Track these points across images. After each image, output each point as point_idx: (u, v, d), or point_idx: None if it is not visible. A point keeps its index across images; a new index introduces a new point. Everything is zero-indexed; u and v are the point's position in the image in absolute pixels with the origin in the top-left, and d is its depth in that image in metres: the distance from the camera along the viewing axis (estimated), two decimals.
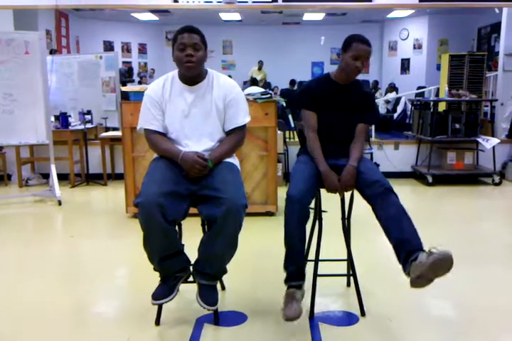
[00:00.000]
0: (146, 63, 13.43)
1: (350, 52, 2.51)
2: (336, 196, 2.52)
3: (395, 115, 10.83)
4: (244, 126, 2.57)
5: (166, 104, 2.48)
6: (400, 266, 2.28)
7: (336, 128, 2.64)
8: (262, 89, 4.47)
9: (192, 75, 2.45)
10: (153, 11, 10.84)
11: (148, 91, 2.53)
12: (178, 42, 2.38)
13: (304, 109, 2.66)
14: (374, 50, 2.56)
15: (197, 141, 2.48)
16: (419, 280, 2.14)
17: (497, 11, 6.74)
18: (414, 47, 12.68)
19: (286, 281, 2.45)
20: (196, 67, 2.40)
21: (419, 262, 2.12)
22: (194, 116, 2.48)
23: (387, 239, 2.33)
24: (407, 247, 2.24)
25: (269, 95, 4.35)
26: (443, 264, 2.09)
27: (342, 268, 2.84)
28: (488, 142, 5.89)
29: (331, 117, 2.63)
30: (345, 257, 2.67)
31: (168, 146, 2.47)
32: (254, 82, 9.75)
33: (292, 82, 11.18)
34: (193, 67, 2.39)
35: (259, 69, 12.22)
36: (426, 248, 2.17)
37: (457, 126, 6.01)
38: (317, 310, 2.54)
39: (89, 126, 6.11)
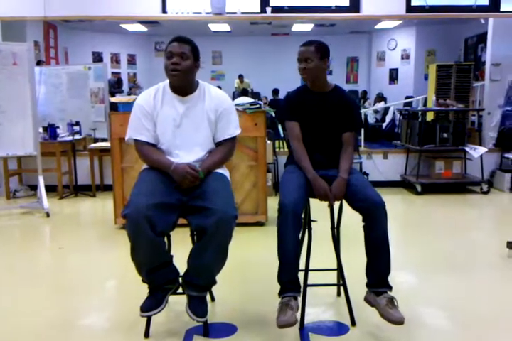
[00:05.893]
0: (135, 74, 13.41)
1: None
2: (325, 206, 2.52)
3: (384, 125, 10.88)
4: (235, 137, 2.58)
5: (158, 114, 2.48)
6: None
7: (320, 138, 2.64)
8: (251, 100, 4.49)
9: (178, 84, 2.45)
10: (142, 22, 10.82)
11: (139, 100, 2.52)
12: (167, 51, 2.40)
13: (286, 120, 2.68)
14: (362, 60, 2.60)
15: (188, 151, 2.48)
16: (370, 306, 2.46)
17: (483, 21, 6.82)
18: (402, 58, 12.78)
19: (280, 293, 2.40)
20: (181, 75, 2.40)
21: (377, 302, 2.39)
22: (186, 127, 2.48)
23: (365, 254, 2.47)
24: (375, 279, 2.45)
25: (258, 105, 4.36)
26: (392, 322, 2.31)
27: (332, 277, 2.83)
28: (476, 151, 5.93)
29: (314, 126, 2.64)
30: (335, 267, 2.66)
31: (160, 157, 2.46)
32: (244, 92, 9.78)
33: (275, 91, 11.25)
34: (177, 75, 2.39)
35: (241, 82, 12.47)
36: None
37: (445, 135, 6.06)
38: (307, 320, 2.53)
39: (77, 137, 6.09)
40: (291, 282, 2.39)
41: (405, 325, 2.34)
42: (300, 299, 2.42)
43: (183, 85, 2.47)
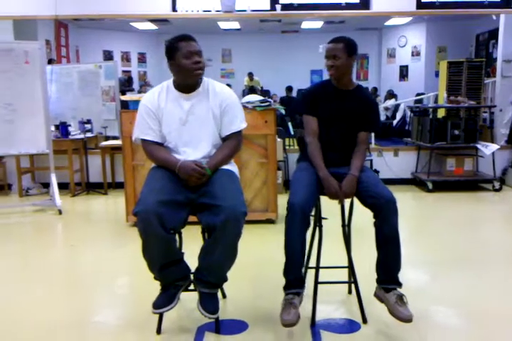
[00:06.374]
0: (145, 72, 13.46)
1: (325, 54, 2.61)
2: (336, 203, 2.52)
3: (395, 122, 10.84)
4: (241, 131, 2.58)
5: (163, 113, 2.49)
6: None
7: (335, 135, 2.63)
8: (261, 97, 4.48)
9: (195, 82, 2.47)
10: (152, 21, 10.87)
11: (143, 100, 2.54)
12: (185, 51, 2.38)
13: (304, 114, 2.66)
14: (372, 57, 2.59)
15: (195, 148, 2.49)
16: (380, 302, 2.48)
17: (494, 17, 6.77)
18: (413, 54, 12.72)
19: (285, 289, 2.44)
20: (203, 73, 2.45)
21: (386, 299, 2.40)
22: (191, 124, 2.49)
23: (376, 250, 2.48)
24: (385, 275, 2.47)
25: (268, 103, 4.36)
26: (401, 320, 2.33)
27: (343, 275, 2.83)
28: (488, 148, 5.89)
29: (331, 123, 2.62)
30: (346, 264, 2.66)
31: (166, 156, 2.48)
32: (252, 90, 9.78)
33: (289, 88, 11.23)
34: (202, 73, 2.44)
35: (251, 79, 12.46)
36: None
37: (456, 132, 6.02)
38: (318, 317, 2.53)
39: (89, 135, 6.12)
40: (296, 279, 2.42)
41: (417, 323, 2.34)
42: (304, 293, 2.45)
43: (196, 83, 2.48)
